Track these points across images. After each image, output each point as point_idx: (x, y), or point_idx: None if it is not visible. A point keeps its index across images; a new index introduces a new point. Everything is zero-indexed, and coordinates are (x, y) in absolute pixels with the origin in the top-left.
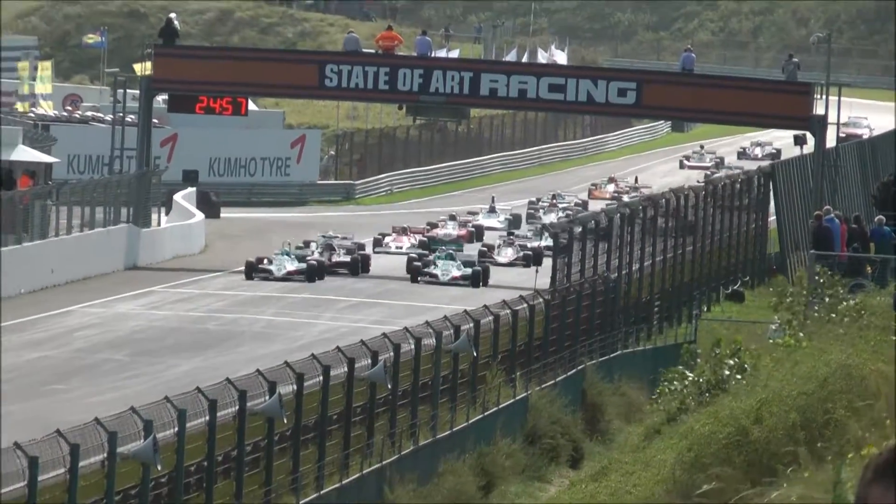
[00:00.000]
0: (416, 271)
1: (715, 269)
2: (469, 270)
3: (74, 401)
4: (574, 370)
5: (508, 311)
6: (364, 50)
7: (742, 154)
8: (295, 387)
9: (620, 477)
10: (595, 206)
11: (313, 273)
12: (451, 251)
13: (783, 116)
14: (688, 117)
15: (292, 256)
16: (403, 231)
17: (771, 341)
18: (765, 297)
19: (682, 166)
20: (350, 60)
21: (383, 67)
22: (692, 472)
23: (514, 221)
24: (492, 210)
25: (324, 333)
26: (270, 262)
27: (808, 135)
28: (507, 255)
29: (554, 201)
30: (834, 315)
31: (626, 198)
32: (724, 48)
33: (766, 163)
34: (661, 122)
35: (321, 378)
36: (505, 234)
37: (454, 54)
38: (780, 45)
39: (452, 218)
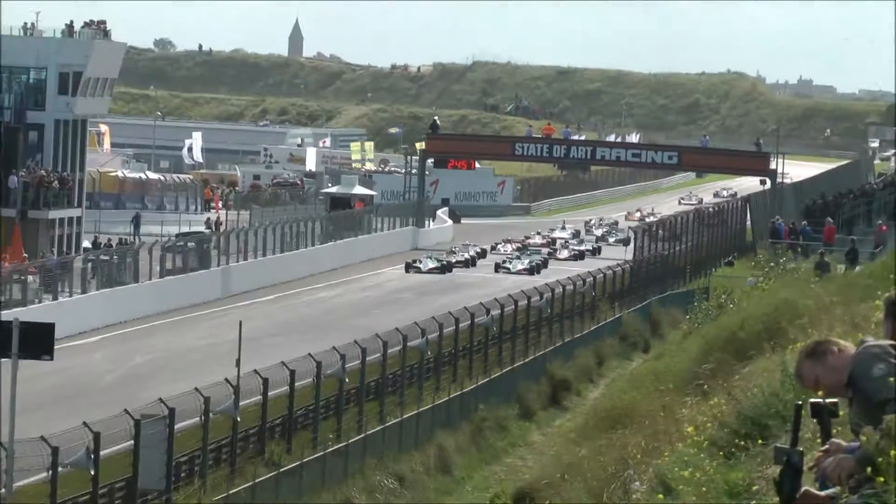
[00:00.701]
0: (497, 265)
1: (719, 249)
2: (529, 265)
3: (382, 320)
4: (645, 302)
5: (611, 272)
6: (535, 135)
7: (716, 195)
8: (500, 311)
9: (669, 357)
10: (625, 224)
11: (444, 269)
12: (520, 254)
13: (754, 170)
14: (704, 170)
15: (433, 259)
16: (508, 241)
17: (749, 287)
18: (746, 264)
19: (679, 203)
20: (528, 140)
21: (545, 144)
22: (706, 355)
23: (576, 234)
24: (563, 227)
25: (514, 283)
26: (420, 262)
27: (768, 180)
28: (564, 254)
29: (601, 221)
30: (782, 272)
31: (647, 219)
32: (723, 134)
33: (729, 199)
34: (691, 172)
35: (514, 306)
36: (564, 241)
37: (583, 137)
38: (752, 132)
39: (538, 233)
